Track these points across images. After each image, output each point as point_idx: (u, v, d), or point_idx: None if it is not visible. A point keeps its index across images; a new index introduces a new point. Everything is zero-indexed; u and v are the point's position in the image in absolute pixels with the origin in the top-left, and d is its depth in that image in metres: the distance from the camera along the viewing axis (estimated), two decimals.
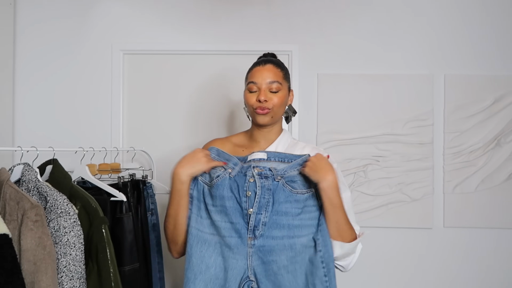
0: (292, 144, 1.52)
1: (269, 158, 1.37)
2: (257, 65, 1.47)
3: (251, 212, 1.28)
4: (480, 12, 2.33)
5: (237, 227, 1.29)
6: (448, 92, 2.32)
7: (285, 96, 1.47)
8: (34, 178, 1.31)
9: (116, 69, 2.38)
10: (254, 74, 1.45)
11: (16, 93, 2.39)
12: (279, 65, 1.49)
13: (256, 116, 1.44)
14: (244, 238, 1.28)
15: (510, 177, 2.28)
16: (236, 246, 1.28)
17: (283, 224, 1.29)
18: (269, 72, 1.44)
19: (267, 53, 1.59)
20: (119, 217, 1.69)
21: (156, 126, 2.40)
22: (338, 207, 1.29)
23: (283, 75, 1.48)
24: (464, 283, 2.30)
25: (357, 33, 2.35)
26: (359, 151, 2.31)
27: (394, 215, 2.31)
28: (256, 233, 1.28)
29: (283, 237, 1.28)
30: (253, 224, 1.28)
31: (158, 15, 2.39)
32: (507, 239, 2.29)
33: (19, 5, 2.39)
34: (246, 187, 1.31)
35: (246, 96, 1.47)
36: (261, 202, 1.29)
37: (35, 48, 2.40)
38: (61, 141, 2.33)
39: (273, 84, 1.43)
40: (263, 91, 1.42)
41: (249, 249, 1.28)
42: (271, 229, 1.29)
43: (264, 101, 1.40)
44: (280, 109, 1.46)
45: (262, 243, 1.28)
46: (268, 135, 1.50)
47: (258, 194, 1.29)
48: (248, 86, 1.45)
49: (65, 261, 1.23)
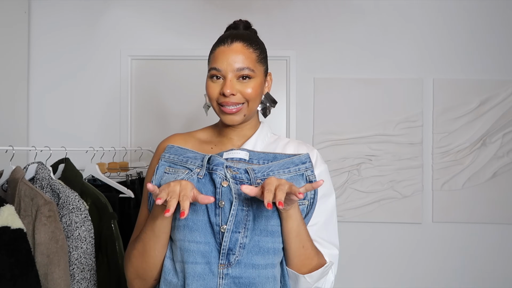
0: (273, 139, 1.10)
1: (251, 160, 0.98)
2: (221, 44, 1.01)
3: (225, 229, 0.88)
4: (466, 21, 2.33)
5: (205, 249, 0.88)
6: (436, 95, 2.32)
7: (260, 85, 1.02)
8: (48, 176, 1.32)
9: (124, 74, 2.39)
10: (217, 56, 1.00)
11: (30, 96, 2.40)
12: (252, 43, 1.02)
13: (222, 116, 1.01)
14: (214, 265, 0.88)
15: (495, 175, 2.28)
16: (201, 276, 0.88)
17: (268, 248, 0.90)
18: (237, 55, 0.98)
19: (238, 21, 1.13)
20: (128, 213, 1.70)
21: (162, 127, 2.41)
22: (303, 230, 0.93)
23: (257, 56, 1.02)
24: (451, 274, 2.30)
25: (351, 40, 2.36)
26: (353, 150, 2.32)
27: (386, 211, 2.31)
28: (230, 258, 0.89)
29: (266, 266, 0.90)
30: (227, 246, 0.88)
31: (163, 23, 2.39)
32: (492, 233, 2.29)
33: (33, 14, 2.39)
34: (219, 194, 0.90)
35: (206, 85, 1.03)
36: (238, 216, 0.89)
37: (48, 53, 2.40)
38: (73, 141, 2.33)
39: (242, 71, 0.98)
40: (228, 81, 0.98)
41: (220, 280, 0.88)
42: (251, 254, 0.89)
43: (231, 95, 0.97)
44: (254, 103, 1.02)
45: (239, 273, 0.89)
46: (242, 131, 1.08)
47: (235, 204, 0.89)
48: (210, 72, 1.01)
49: (76, 254, 1.23)
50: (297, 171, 0.97)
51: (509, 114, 2.28)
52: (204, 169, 0.94)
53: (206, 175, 0.94)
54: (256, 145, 1.06)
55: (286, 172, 0.96)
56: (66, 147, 1.53)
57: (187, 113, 2.40)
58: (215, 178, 0.92)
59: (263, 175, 0.94)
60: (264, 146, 1.07)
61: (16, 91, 2.27)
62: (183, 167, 0.97)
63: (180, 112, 2.40)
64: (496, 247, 2.29)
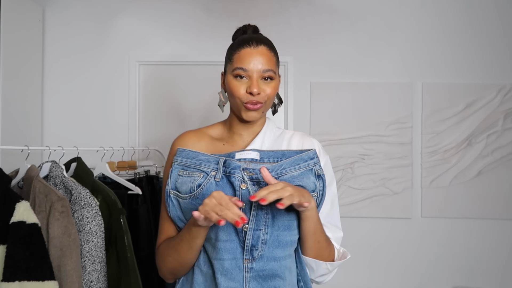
0: (278, 133, 1.11)
1: (262, 159, 0.98)
2: (247, 45, 1.00)
3: (247, 228, 0.92)
4: (453, 27, 2.33)
5: (230, 246, 0.92)
6: (425, 98, 2.32)
7: (278, 86, 1.04)
8: (61, 174, 1.31)
9: (133, 78, 2.38)
10: (244, 57, 0.99)
11: (44, 99, 2.39)
12: (272, 48, 1.05)
13: (245, 112, 1.00)
14: (239, 260, 0.92)
15: (480, 173, 2.28)
16: (229, 271, 0.92)
17: (286, 241, 0.95)
18: (262, 57, 0.99)
19: (247, 25, 1.14)
20: (136, 208, 1.69)
21: (168, 128, 2.40)
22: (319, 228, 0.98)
23: (276, 60, 1.05)
24: (440, 266, 2.30)
25: (345, 47, 2.35)
26: (347, 150, 2.31)
27: (378, 206, 2.30)
28: (254, 253, 0.92)
29: (285, 257, 0.95)
30: (250, 242, 0.92)
31: (170, 30, 2.38)
32: (477, 228, 2.29)
33: (47, 22, 2.39)
34: (239, 196, 0.93)
35: (231, 84, 1.00)
36: (258, 215, 0.93)
37: (61, 59, 2.39)
38: (84, 141, 2.32)
39: (267, 72, 0.99)
40: (255, 81, 0.98)
41: (245, 273, 0.92)
42: (272, 248, 0.93)
43: (257, 94, 0.98)
44: (271, 102, 1.04)
45: (262, 266, 0.93)
46: (252, 127, 1.08)
47: (255, 205, 0.92)
48: (235, 72, 0.99)
49: (87, 247, 1.23)
50: (307, 167, 0.99)
51: (494, 116, 2.28)
52: (221, 172, 0.95)
53: (223, 178, 0.95)
54: (264, 140, 1.07)
55: (297, 168, 0.98)
56: (78, 147, 1.53)
57: (192, 115, 2.39)
58: (234, 181, 0.94)
59: (276, 174, 0.96)
60: (271, 140, 1.08)
61: (31, 94, 2.27)
62: (197, 170, 0.98)
63: (186, 114, 2.40)
64: (481, 241, 2.29)
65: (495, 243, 2.28)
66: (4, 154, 1.98)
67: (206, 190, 0.93)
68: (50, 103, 2.40)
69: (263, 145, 1.05)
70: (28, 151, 1.28)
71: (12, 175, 1.27)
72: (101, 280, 1.24)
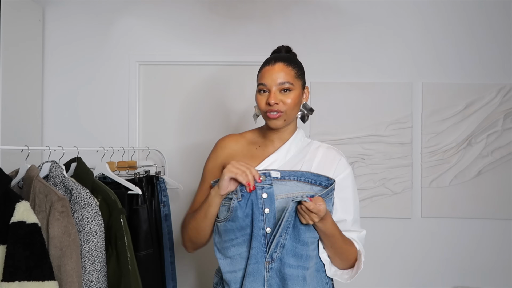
0: (306, 143, 1.27)
1: (283, 177, 1.14)
2: (267, 64, 1.20)
3: (269, 231, 1.09)
4: (453, 27, 2.33)
5: (255, 252, 1.09)
6: (425, 98, 2.32)
7: (298, 96, 1.18)
8: (61, 174, 1.31)
9: (133, 78, 2.38)
10: (264, 74, 1.18)
11: (44, 99, 2.39)
12: (291, 63, 1.20)
13: (268, 121, 1.19)
14: (261, 263, 1.09)
15: (480, 173, 2.28)
16: (252, 272, 1.09)
17: (301, 254, 1.10)
18: (279, 72, 1.16)
19: (280, 47, 1.31)
20: (135, 208, 1.69)
21: (168, 128, 2.40)
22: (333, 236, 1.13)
23: (295, 73, 1.19)
24: (440, 266, 2.30)
25: (345, 47, 2.35)
26: (347, 150, 2.31)
27: (378, 206, 2.30)
28: (273, 256, 1.08)
29: (298, 267, 1.10)
30: (272, 246, 1.08)
31: (170, 30, 2.38)
32: (476, 227, 2.29)
33: (47, 22, 2.39)
34: (262, 204, 1.10)
35: (256, 98, 1.21)
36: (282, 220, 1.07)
37: (61, 59, 2.39)
38: (84, 141, 2.33)
39: (283, 85, 1.15)
40: (273, 94, 1.15)
41: (266, 273, 1.09)
42: (287, 255, 1.09)
43: (275, 104, 1.14)
44: (293, 111, 1.19)
45: (279, 267, 1.09)
46: (282, 135, 1.24)
47: (285, 214, 1.08)
48: (258, 87, 1.19)
49: (87, 247, 1.23)
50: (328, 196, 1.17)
51: (493, 116, 2.28)
52: (240, 193, 1.11)
53: (244, 196, 1.11)
54: (290, 148, 1.24)
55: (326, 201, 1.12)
56: (78, 147, 1.53)
57: (192, 115, 2.39)
58: (254, 193, 1.10)
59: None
60: (298, 149, 1.25)
61: (31, 94, 2.27)
62: (227, 198, 1.15)
63: (185, 114, 2.39)
64: (480, 240, 2.29)
65: (495, 243, 2.28)
66: (4, 154, 1.98)
67: (234, 214, 1.11)
68: (50, 103, 2.40)
69: (289, 153, 1.23)
70: (28, 151, 1.28)
71: (12, 175, 1.27)
72: (101, 280, 1.24)
